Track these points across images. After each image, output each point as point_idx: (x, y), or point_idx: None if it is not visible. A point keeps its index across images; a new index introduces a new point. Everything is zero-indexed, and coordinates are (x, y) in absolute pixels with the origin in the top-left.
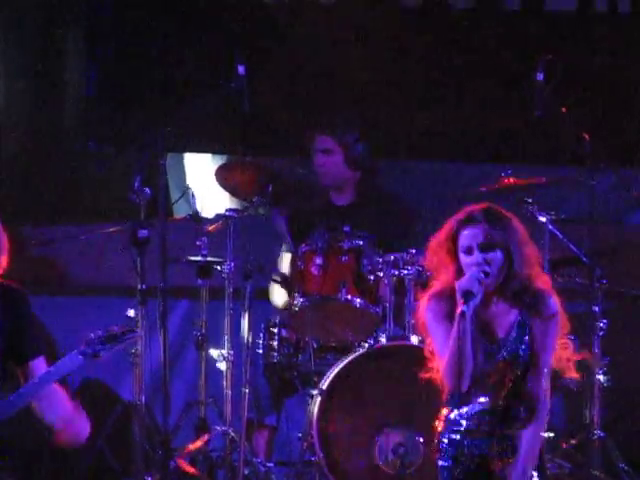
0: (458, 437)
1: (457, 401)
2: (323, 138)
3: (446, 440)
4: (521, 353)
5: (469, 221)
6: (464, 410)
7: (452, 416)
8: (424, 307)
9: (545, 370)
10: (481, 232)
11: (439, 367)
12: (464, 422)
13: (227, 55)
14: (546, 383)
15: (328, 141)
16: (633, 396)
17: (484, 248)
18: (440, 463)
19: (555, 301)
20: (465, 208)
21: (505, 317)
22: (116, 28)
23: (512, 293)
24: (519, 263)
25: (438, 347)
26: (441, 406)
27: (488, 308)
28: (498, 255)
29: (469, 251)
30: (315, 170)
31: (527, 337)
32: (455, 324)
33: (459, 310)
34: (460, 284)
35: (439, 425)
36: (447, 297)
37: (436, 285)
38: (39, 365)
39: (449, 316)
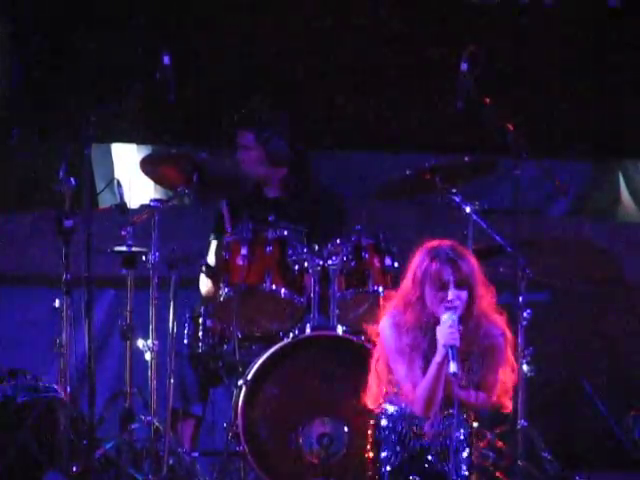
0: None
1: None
2: (243, 133)
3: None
4: (475, 381)
5: (444, 258)
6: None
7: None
8: (388, 335)
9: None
10: (456, 269)
11: (403, 390)
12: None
13: (152, 45)
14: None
15: (246, 136)
16: (556, 386)
17: (459, 285)
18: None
19: (505, 339)
20: (431, 244)
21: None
22: (40, 19)
23: (469, 329)
24: (479, 302)
25: (401, 375)
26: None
27: None
28: (466, 293)
29: (444, 287)
30: (239, 164)
31: (480, 370)
32: (434, 370)
33: (450, 369)
34: (445, 341)
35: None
36: (411, 329)
37: (398, 313)
38: None
39: (412, 348)
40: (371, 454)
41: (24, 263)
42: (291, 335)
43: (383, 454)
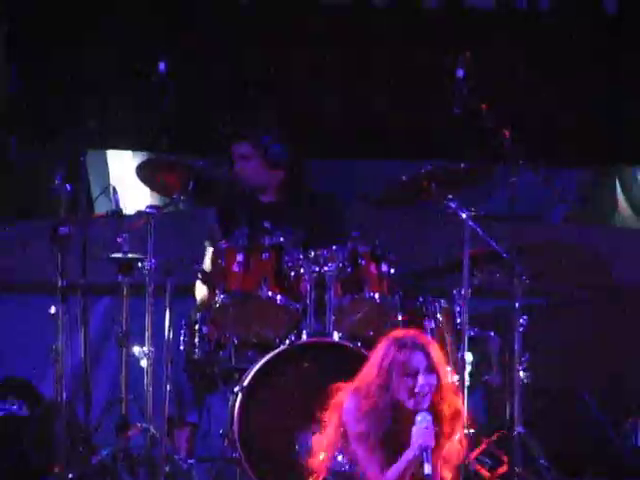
0: None
1: None
2: (240, 144)
3: None
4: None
5: (413, 345)
6: None
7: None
8: (350, 417)
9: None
10: (426, 355)
11: (366, 473)
12: None
13: (149, 52)
14: None
15: (245, 147)
16: (553, 392)
17: (429, 370)
18: None
19: (459, 418)
20: (397, 333)
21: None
22: (37, 26)
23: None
24: (445, 387)
25: (364, 458)
26: None
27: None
28: (435, 377)
29: (413, 374)
30: (237, 176)
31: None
32: (403, 465)
33: (425, 471)
34: (421, 442)
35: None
36: (370, 415)
37: (360, 398)
38: None
39: (380, 437)
40: None
41: (20, 270)
42: (287, 342)
43: None
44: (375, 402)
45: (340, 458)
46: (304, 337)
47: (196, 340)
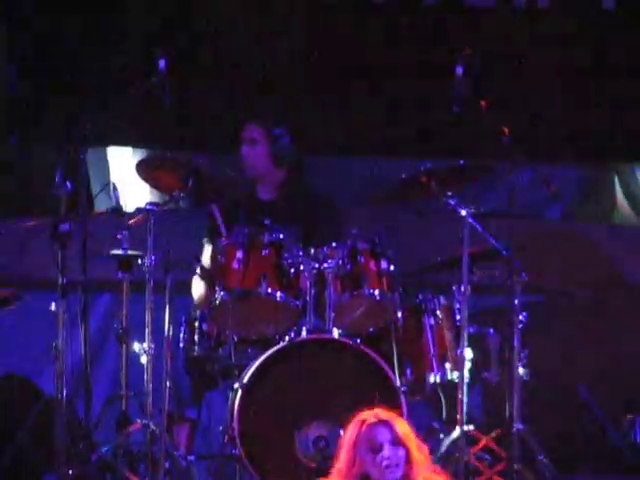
0: None
1: None
2: (251, 127)
3: None
4: None
5: (377, 420)
6: None
7: None
8: None
9: None
10: (390, 429)
11: None
12: None
13: (148, 50)
14: None
15: (255, 130)
16: (552, 389)
17: (395, 443)
18: None
19: None
20: (362, 413)
21: None
22: (35, 26)
23: None
24: (417, 463)
25: None
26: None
27: None
28: (403, 451)
29: (379, 448)
30: (240, 160)
31: None
32: None
33: None
34: None
35: None
36: None
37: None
38: None
39: None
40: None
41: (20, 267)
42: (287, 338)
43: None
44: None
45: None
46: (304, 334)
47: (196, 337)
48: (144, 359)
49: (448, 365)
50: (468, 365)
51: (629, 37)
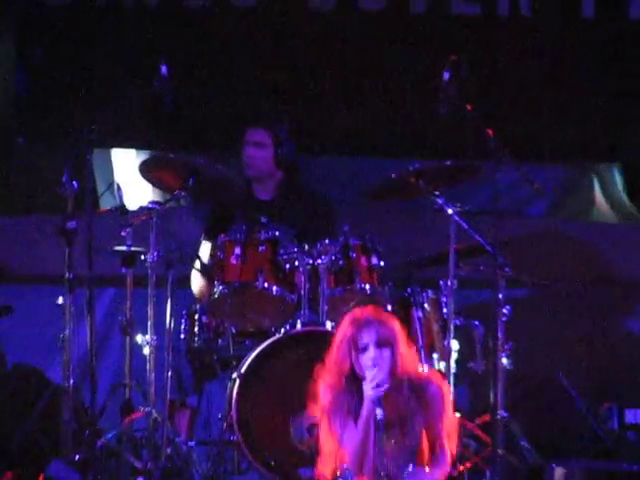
0: None
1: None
2: (257, 130)
3: None
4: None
5: (363, 322)
6: None
7: None
8: (325, 398)
9: (442, 440)
10: (375, 331)
11: (338, 450)
12: None
13: (151, 56)
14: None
15: (261, 134)
16: (534, 379)
17: (380, 345)
18: None
19: (437, 387)
20: (353, 312)
21: (398, 408)
22: (44, 32)
23: (398, 392)
24: (403, 359)
25: (338, 435)
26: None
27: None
28: (388, 352)
29: (365, 349)
30: (243, 161)
31: (416, 426)
32: (362, 423)
33: (377, 418)
34: (370, 396)
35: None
36: (344, 392)
37: (329, 379)
38: None
39: (347, 410)
40: None
41: (29, 263)
42: (282, 330)
43: None
44: (336, 377)
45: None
46: (298, 326)
47: (196, 329)
48: (147, 350)
49: (435, 356)
50: (454, 356)
51: (605, 42)
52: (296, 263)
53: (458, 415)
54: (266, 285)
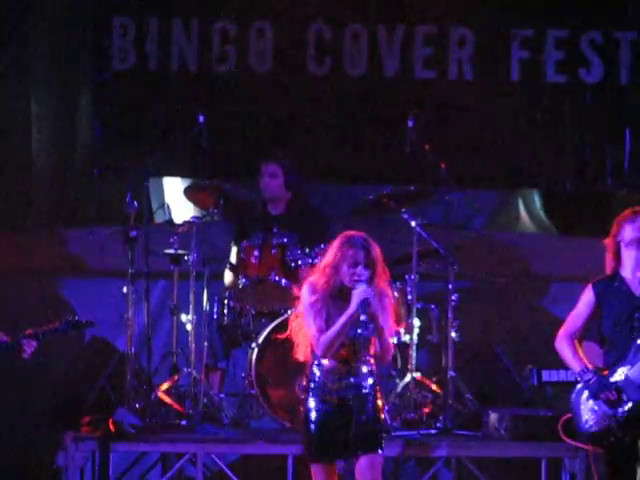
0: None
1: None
2: (272, 165)
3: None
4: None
5: (359, 245)
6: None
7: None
8: (304, 294)
9: (386, 331)
10: (367, 253)
11: (310, 335)
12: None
13: (191, 108)
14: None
15: (274, 167)
16: (476, 348)
17: (366, 265)
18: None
19: (389, 298)
20: (350, 233)
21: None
22: (113, 90)
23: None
24: (379, 278)
25: (309, 324)
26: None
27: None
28: (369, 272)
29: (355, 265)
30: (261, 187)
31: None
32: (345, 318)
33: (361, 318)
34: (360, 295)
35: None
36: (323, 290)
37: (315, 280)
38: None
39: (321, 305)
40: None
41: (101, 261)
42: (289, 312)
43: (311, 400)
44: (326, 280)
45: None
46: None
47: (225, 311)
48: (189, 327)
49: (402, 330)
50: (416, 331)
51: (528, 100)
52: (300, 262)
53: (419, 374)
54: (277, 278)
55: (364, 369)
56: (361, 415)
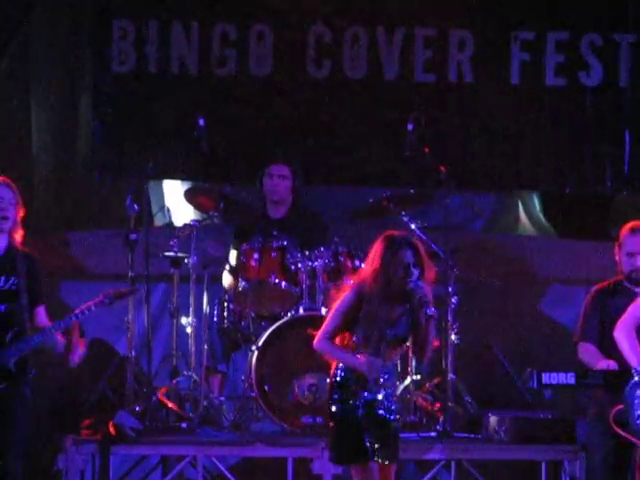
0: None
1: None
2: (281, 166)
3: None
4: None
5: (406, 245)
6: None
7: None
8: (347, 296)
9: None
10: (416, 253)
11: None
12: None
13: (191, 111)
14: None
15: (285, 169)
16: (476, 350)
17: (416, 265)
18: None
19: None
20: (393, 233)
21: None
22: (114, 96)
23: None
24: (428, 269)
25: (330, 321)
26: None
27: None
28: (419, 271)
29: (407, 266)
30: (268, 189)
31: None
32: (349, 362)
33: (429, 313)
34: (420, 296)
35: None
36: (373, 297)
37: (364, 285)
38: (41, 311)
39: (384, 298)
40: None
41: (102, 264)
42: (289, 315)
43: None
44: (377, 287)
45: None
46: (301, 311)
47: (225, 313)
48: (189, 329)
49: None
50: None
51: (528, 104)
52: (299, 265)
53: (419, 377)
54: (277, 281)
55: (392, 369)
56: (390, 415)
